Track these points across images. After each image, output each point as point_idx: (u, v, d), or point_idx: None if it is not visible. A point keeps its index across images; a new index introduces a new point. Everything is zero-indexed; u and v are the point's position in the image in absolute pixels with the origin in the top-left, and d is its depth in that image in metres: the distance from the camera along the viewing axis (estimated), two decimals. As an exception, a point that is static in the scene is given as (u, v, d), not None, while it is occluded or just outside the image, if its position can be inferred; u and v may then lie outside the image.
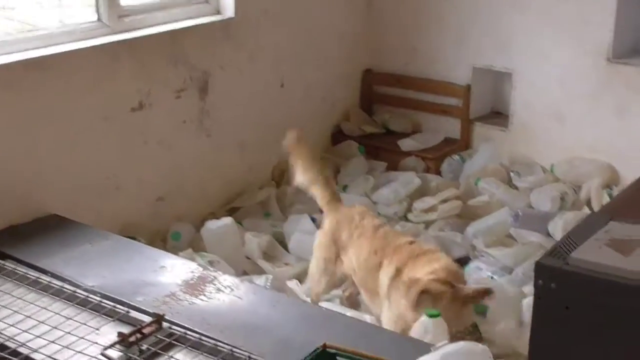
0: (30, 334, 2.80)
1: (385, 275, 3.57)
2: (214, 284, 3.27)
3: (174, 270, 3.40)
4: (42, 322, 2.90)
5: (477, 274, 4.30)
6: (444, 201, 4.98)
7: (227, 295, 3.20)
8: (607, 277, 2.01)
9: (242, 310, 3.10)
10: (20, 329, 2.82)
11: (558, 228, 4.61)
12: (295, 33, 5.35)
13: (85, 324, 2.90)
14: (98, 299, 3.05)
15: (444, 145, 5.67)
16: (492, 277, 4.23)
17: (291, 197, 5.02)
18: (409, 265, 3.48)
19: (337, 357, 2.13)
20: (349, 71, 5.93)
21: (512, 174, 5.31)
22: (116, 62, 4.18)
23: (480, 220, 4.82)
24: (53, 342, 2.75)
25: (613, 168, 5.14)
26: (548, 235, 4.68)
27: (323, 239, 3.95)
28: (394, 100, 6.00)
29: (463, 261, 4.54)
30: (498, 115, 5.80)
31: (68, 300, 3.05)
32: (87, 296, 3.05)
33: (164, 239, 4.46)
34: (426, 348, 2.65)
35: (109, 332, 2.85)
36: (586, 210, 4.88)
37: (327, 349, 2.12)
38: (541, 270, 2.08)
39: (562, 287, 2.05)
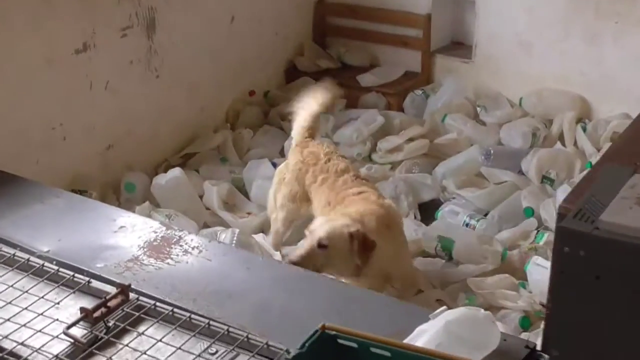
0: (-19, 311, 2.51)
1: None
2: (180, 245, 2.97)
3: (135, 230, 3.09)
4: (-6, 298, 2.59)
5: (454, 219, 4.09)
6: (410, 140, 4.75)
7: (195, 257, 2.92)
8: (645, 243, 1.78)
9: (214, 275, 2.82)
10: (-32, 307, 2.53)
11: (532, 166, 4.44)
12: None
13: (43, 297, 2.59)
14: (55, 267, 2.73)
15: (405, 79, 5.41)
16: (467, 225, 4.02)
17: (249, 140, 4.75)
18: None
19: (338, 340, 1.88)
20: (301, 2, 5.59)
21: (478, 108, 5.09)
22: (56, -1, 3.80)
23: (450, 159, 4.62)
24: (9, 320, 2.44)
25: (584, 100, 4.95)
26: (520, 173, 4.51)
27: (287, 175, 3.73)
28: (349, 32, 5.70)
29: (434, 204, 4.37)
30: (459, 46, 5.56)
31: (22, 270, 2.73)
32: (43, 264, 2.73)
33: (117, 191, 4.15)
34: (423, 315, 2.44)
35: (70, 306, 2.56)
36: (559, 146, 4.71)
37: (327, 331, 1.88)
38: (568, 236, 1.83)
39: (592, 254, 1.82)
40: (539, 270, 3.46)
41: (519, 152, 4.61)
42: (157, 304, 2.54)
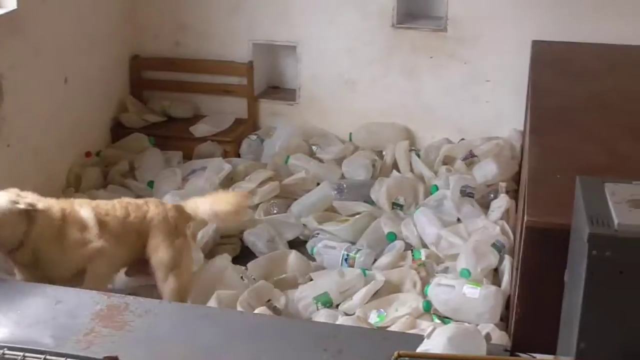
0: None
1: None
2: (131, 311, 2.89)
3: (74, 303, 2.95)
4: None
5: (331, 253, 4.24)
6: (261, 184, 4.85)
7: (152, 319, 2.85)
8: (657, 238, 2.09)
9: (182, 333, 2.78)
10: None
11: (381, 195, 4.70)
12: (71, 20, 4.86)
13: (24, 388, 2.44)
14: (18, 354, 2.57)
15: (236, 126, 5.51)
16: (346, 258, 4.19)
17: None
18: None
19: (413, 364, 1.99)
20: (117, 58, 5.52)
21: (313, 147, 5.32)
22: None
23: (303, 197, 4.78)
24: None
25: (409, 129, 5.35)
26: (369, 202, 4.76)
27: None
28: (167, 85, 5.70)
29: (297, 242, 4.50)
30: (277, 90, 5.76)
31: (-18, 364, 2.54)
32: (3, 353, 2.56)
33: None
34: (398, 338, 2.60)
35: (56, 392, 2.44)
36: (396, 174, 5.02)
37: (401, 358, 1.98)
38: (596, 240, 2.09)
39: (616, 253, 2.09)
40: (444, 290, 3.71)
41: (365, 183, 4.88)
42: (154, 371, 2.48)
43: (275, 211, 4.69)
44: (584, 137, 3.37)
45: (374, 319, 3.74)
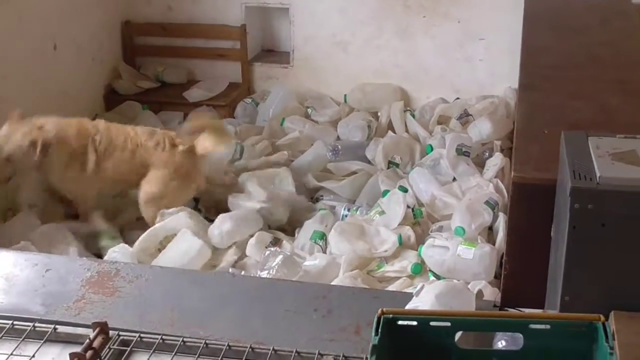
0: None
1: None
2: (122, 276, 2.91)
3: (64, 270, 2.96)
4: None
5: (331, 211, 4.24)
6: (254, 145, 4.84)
7: (143, 284, 2.87)
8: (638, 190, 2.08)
9: (173, 297, 2.80)
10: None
11: (378, 154, 4.67)
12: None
13: (12, 354, 2.45)
14: (7, 321, 2.58)
15: (230, 90, 5.49)
16: (345, 216, 4.18)
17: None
18: None
19: (398, 321, 1.98)
20: (109, 24, 5.48)
21: (308, 109, 5.30)
22: None
23: (299, 158, 4.74)
24: (-10, 386, 2.30)
25: (403, 90, 5.32)
26: (366, 162, 4.74)
27: None
28: (160, 51, 5.68)
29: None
30: (271, 53, 5.73)
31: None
32: (-8, 321, 2.57)
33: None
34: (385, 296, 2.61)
35: (45, 357, 2.45)
36: (391, 134, 5.01)
37: (385, 315, 1.97)
38: (578, 193, 2.09)
39: (598, 206, 2.08)
40: (438, 251, 3.67)
41: (360, 144, 4.86)
42: (142, 335, 2.49)
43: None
44: (573, 92, 3.34)
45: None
